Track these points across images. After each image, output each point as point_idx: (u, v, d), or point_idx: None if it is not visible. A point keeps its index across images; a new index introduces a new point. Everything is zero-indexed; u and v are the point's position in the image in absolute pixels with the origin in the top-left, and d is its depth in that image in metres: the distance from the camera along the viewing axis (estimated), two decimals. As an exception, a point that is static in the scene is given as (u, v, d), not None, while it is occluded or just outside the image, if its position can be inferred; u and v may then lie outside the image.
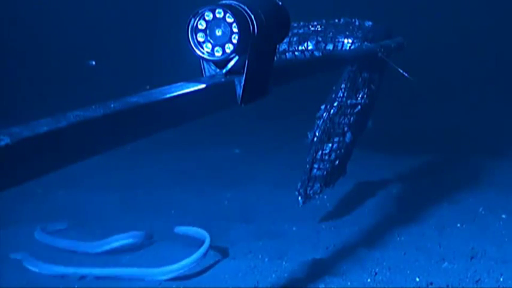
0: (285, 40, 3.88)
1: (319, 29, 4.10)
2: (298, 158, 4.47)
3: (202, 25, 2.08)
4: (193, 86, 1.99)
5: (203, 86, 2.02)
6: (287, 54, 4.10)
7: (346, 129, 4.06)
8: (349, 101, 4.00)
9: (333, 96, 4.00)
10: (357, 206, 4.50)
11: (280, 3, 2.28)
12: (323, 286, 3.26)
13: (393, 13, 8.27)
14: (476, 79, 8.71)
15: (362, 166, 5.08)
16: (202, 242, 3.55)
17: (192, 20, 2.09)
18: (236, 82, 2.15)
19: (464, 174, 5.31)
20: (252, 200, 4.69)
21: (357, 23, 4.10)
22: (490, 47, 9.20)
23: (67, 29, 9.10)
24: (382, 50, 3.88)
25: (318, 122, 4.00)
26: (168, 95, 1.86)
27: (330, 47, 4.04)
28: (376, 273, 3.40)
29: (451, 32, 9.28)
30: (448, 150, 6.25)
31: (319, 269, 3.46)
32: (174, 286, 3.30)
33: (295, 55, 4.10)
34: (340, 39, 4.03)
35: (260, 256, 3.63)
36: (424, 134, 6.95)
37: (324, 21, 4.15)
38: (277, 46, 2.73)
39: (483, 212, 4.36)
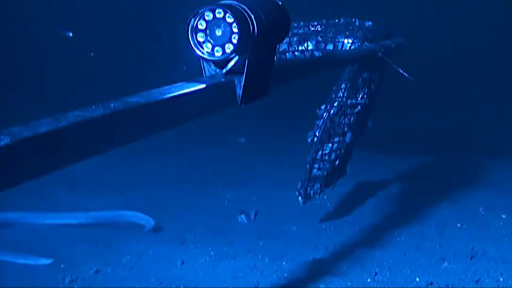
0: (285, 40, 3.88)
1: (319, 29, 4.10)
2: (298, 158, 4.47)
3: (202, 25, 2.08)
4: (193, 86, 1.99)
5: (203, 86, 2.02)
6: (287, 54, 4.10)
7: (346, 129, 4.06)
8: (349, 101, 4.00)
9: (333, 96, 4.00)
10: (357, 206, 4.50)
11: (280, 3, 2.27)
12: (323, 286, 3.27)
13: (393, 13, 8.26)
14: (477, 79, 8.71)
15: (362, 166, 5.08)
16: None
17: (192, 20, 2.09)
18: (236, 82, 2.15)
19: (464, 174, 5.32)
20: (252, 200, 4.70)
21: (357, 23, 4.09)
22: (489, 47, 9.19)
23: (68, 28, 9.09)
24: (382, 50, 3.87)
25: (318, 122, 4.00)
26: (168, 95, 1.86)
27: (330, 47, 4.03)
28: (376, 273, 3.40)
29: (451, 32, 9.27)
30: (448, 150, 6.25)
31: (319, 269, 3.46)
32: (174, 286, 3.31)
33: (295, 55, 4.09)
34: (340, 39, 4.02)
35: (260, 256, 3.63)
36: (424, 134, 6.95)
37: (324, 21, 4.14)
38: (277, 46, 2.73)
39: (483, 212, 4.36)
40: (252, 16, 2.06)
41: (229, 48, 2.06)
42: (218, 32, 2.07)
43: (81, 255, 3.65)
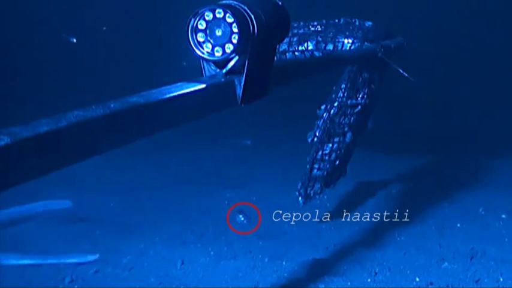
0: (285, 40, 3.88)
1: (319, 29, 4.10)
2: (298, 158, 4.47)
3: (202, 25, 2.08)
4: (193, 86, 1.98)
5: (203, 86, 2.02)
6: (287, 54, 4.10)
7: (346, 129, 4.06)
8: (349, 101, 4.00)
9: (333, 96, 4.00)
10: (357, 206, 4.50)
11: (280, 3, 2.27)
12: (323, 286, 3.27)
13: (392, 13, 8.27)
14: (476, 80, 8.71)
15: (362, 166, 5.08)
16: None
17: (192, 20, 2.08)
18: (236, 82, 2.15)
19: (464, 174, 5.32)
20: (252, 200, 4.70)
21: (357, 23, 4.09)
22: (490, 48, 9.20)
23: (68, 29, 9.09)
24: (382, 50, 3.87)
25: (318, 122, 4.00)
26: (168, 95, 1.86)
27: (330, 47, 4.03)
28: (376, 273, 3.40)
29: (451, 32, 9.27)
30: (448, 150, 6.25)
31: (319, 269, 3.46)
32: (174, 286, 3.31)
33: (295, 55, 4.09)
34: (340, 40, 4.02)
35: (260, 256, 3.63)
36: (424, 135, 6.95)
37: (324, 21, 4.14)
38: (277, 46, 2.73)
39: (483, 212, 4.37)
40: (252, 16, 2.06)
41: (229, 48, 2.06)
42: (218, 32, 2.07)
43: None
